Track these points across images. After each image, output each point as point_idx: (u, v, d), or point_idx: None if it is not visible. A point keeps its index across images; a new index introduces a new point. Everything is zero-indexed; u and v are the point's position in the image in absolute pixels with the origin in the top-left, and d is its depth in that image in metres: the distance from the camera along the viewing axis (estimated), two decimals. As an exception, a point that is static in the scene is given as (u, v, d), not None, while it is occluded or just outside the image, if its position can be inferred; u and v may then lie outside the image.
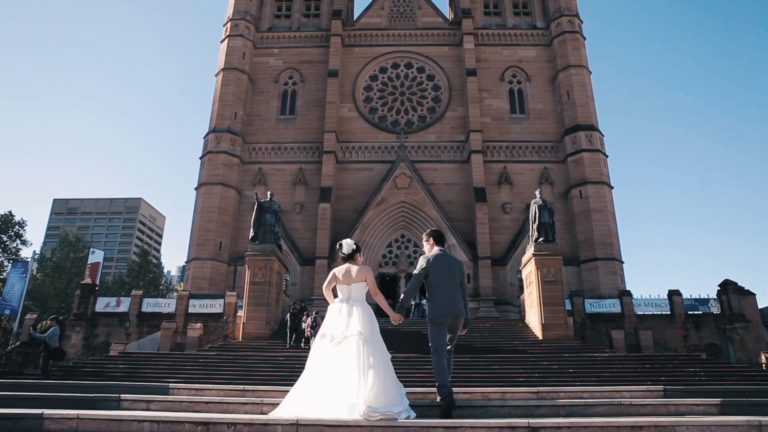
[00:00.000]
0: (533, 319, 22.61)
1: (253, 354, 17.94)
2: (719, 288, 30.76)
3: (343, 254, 6.32)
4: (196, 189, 38.03)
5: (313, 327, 18.96)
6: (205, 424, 4.86)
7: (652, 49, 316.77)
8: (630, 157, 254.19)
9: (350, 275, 6.13)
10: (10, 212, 44.14)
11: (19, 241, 44.58)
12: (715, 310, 30.18)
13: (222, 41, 41.98)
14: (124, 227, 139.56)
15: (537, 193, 23.60)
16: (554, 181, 37.72)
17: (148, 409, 6.66)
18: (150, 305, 31.42)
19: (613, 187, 37.38)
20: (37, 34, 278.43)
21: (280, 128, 40.15)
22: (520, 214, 35.80)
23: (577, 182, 36.71)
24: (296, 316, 21.29)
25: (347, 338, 5.69)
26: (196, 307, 29.98)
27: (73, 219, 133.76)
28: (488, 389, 8.19)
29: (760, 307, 30.52)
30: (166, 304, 31.70)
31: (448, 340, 6.46)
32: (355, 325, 5.76)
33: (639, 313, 29.76)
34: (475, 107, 38.56)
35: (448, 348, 6.45)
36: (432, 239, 6.70)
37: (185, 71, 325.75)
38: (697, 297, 30.83)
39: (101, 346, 29.08)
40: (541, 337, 21.22)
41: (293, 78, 41.51)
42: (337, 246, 6.47)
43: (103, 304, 31.28)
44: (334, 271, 6.28)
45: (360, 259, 6.37)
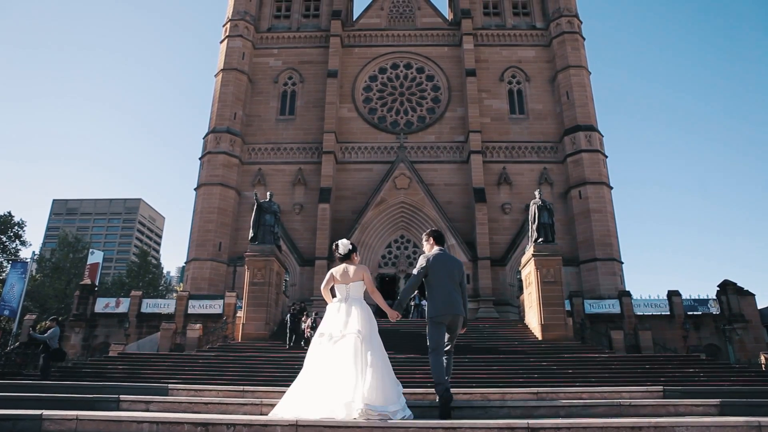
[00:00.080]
0: (533, 319, 22.61)
1: (253, 355, 17.93)
2: (718, 288, 30.79)
3: (340, 254, 6.35)
4: (195, 189, 38.03)
5: (313, 328, 18.96)
6: (205, 424, 4.86)
7: (651, 50, 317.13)
8: (629, 158, 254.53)
9: (347, 275, 6.16)
10: (10, 213, 44.29)
11: (18, 242, 44.63)
12: (715, 310, 30.18)
13: (221, 42, 41.97)
14: (124, 228, 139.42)
15: (536, 193, 23.60)
16: (554, 182, 37.72)
17: (148, 410, 6.65)
18: (149, 306, 31.41)
19: (612, 188, 37.38)
20: (37, 35, 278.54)
21: (280, 129, 40.14)
22: (520, 215, 35.81)
23: (577, 183, 36.72)
24: (296, 316, 21.30)
25: (345, 337, 5.70)
26: (196, 307, 30.00)
27: (73, 219, 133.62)
28: (488, 390, 8.18)
29: (759, 307, 30.55)
30: (166, 305, 31.67)
31: (448, 340, 6.47)
32: (354, 324, 5.77)
33: (638, 313, 29.78)
34: (475, 108, 38.57)
35: (448, 348, 6.46)
36: (432, 239, 6.75)
37: (185, 72, 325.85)
38: (697, 297, 30.84)
39: (100, 346, 29.08)
40: (540, 338, 21.23)
41: (293, 78, 41.51)
42: (333, 246, 6.50)
43: (102, 305, 31.30)
44: (332, 271, 6.31)
45: (357, 259, 6.40)
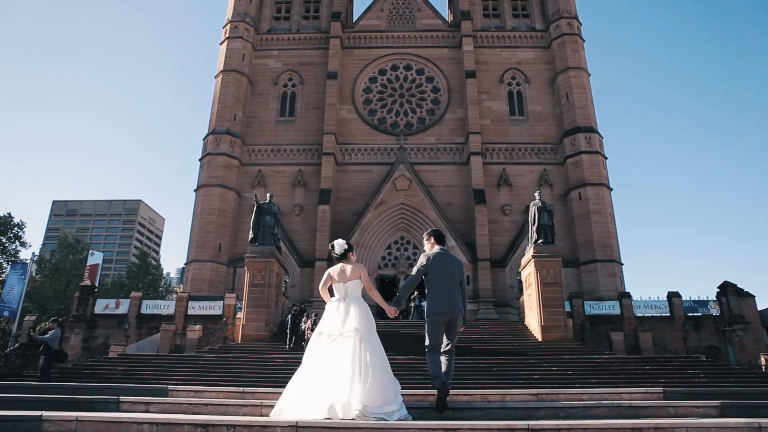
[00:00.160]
0: (533, 320, 22.59)
1: (253, 356, 17.91)
2: (719, 290, 30.76)
3: (336, 254, 6.39)
4: (195, 191, 38.02)
5: (313, 329, 18.88)
6: (205, 425, 4.85)
7: (651, 51, 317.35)
8: (629, 159, 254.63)
9: (345, 274, 6.19)
10: (10, 214, 44.27)
11: (18, 243, 44.64)
12: (715, 311, 30.15)
13: (221, 43, 41.98)
14: (124, 229, 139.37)
15: (536, 194, 23.58)
16: (553, 183, 37.73)
17: (148, 411, 6.64)
18: (149, 307, 31.37)
19: (612, 189, 37.36)
20: (38, 36, 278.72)
21: (280, 130, 40.15)
22: (520, 216, 35.78)
23: (577, 184, 36.71)
24: (296, 318, 21.26)
25: (344, 335, 5.71)
26: (196, 308, 29.98)
27: (73, 221, 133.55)
28: (488, 391, 8.16)
29: (759, 309, 30.51)
30: (166, 306, 31.64)
31: (448, 339, 6.48)
32: (352, 323, 5.78)
33: (638, 314, 29.74)
34: (475, 109, 38.58)
35: (448, 348, 6.46)
36: (433, 238, 6.82)
37: (185, 73, 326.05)
38: (697, 299, 30.81)
39: (100, 347, 29.06)
40: (540, 339, 21.20)
41: (293, 80, 41.52)
42: (330, 247, 6.56)
43: (102, 306, 31.27)
44: (329, 271, 6.35)
45: (353, 258, 6.43)
